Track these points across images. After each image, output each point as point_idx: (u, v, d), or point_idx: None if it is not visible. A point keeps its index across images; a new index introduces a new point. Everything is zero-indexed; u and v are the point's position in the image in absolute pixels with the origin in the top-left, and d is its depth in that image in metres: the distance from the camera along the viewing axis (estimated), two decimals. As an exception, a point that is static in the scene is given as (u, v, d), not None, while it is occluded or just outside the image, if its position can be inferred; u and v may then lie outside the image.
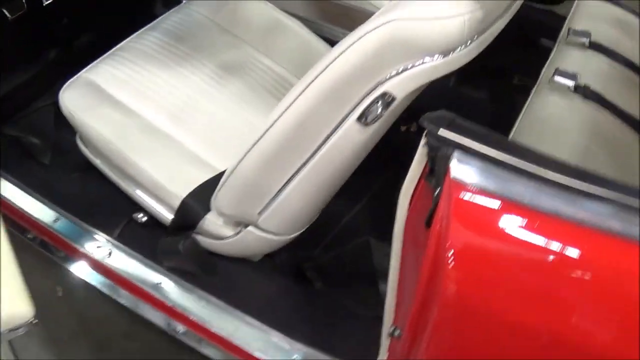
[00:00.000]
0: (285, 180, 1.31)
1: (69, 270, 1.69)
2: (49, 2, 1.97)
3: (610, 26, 1.65)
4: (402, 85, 1.12)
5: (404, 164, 1.01)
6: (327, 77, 1.14)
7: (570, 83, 1.40)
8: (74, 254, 1.69)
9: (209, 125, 1.62)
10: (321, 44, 1.86)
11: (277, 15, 1.88)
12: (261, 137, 1.26)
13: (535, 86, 1.50)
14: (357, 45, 1.10)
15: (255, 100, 1.69)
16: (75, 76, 1.67)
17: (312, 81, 1.16)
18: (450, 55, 1.08)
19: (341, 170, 1.33)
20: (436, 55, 1.07)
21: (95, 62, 1.70)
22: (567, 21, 1.68)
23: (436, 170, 0.90)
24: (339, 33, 2.00)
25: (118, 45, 1.76)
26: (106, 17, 2.14)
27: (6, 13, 1.97)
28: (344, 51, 1.11)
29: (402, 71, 1.10)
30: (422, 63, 1.08)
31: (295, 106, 1.19)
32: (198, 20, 1.84)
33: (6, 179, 1.77)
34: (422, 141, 0.93)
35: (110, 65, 1.69)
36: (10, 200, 1.74)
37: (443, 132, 0.88)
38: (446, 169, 0.87)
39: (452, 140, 0.87)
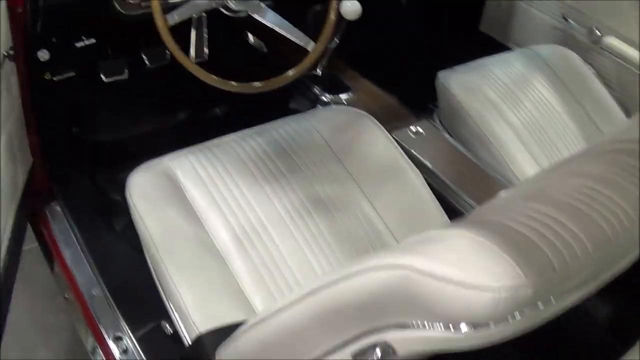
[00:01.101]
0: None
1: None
2: (198, 60, 1.86)
3: None
4: (408, 343, 0.83)
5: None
6: (324, 297, 0.90)
7: None
8: (94, 331, 1.58)
9: (266, 260, 1.44)
10: (439, 213, 1.61)
11: (400, 161, 1.66)
12: (257, 322, 1.07)
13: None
14: (362, 277, 0.84)
15: (334, 250, 1.49)
16: (157, 159, 1.54)
17: (309, 293, 0.93)
18: (482, 330, 0.76)
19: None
20: (462, 324, 0.79)
21: (184, 149, 1.57)
22: None
23: None
24: (465, 204, 1.72)
25: (216, 140, 1.62)
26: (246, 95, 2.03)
27: (145, 59, 1.90)
28: (346, 277, 0.86)
29: (409, 327, 0.81)
30: (440, 330, 0.79)
31: (286, 315, 0.98)
32: (312, 138, 1.66)
33: (71, 229, 1.69)
34: None
35: (197, 158, 1.55)
36: (65, 256, 1.65)
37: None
38: None
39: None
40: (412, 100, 2.09)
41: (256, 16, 1.58)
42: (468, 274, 0.72)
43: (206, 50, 1.79)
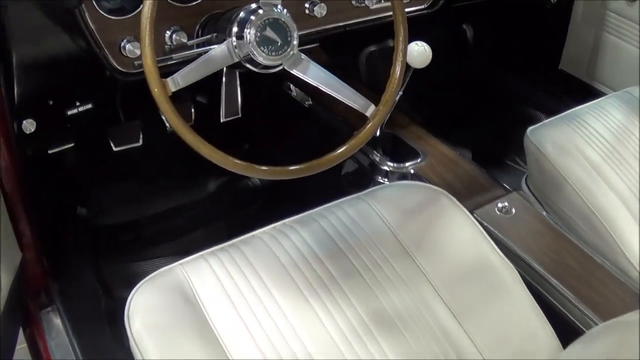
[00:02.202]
0: None
1: None
2: (230, 118, 1.45)
3: None
4: None
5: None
6: None
7: None
8: None
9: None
10: (541, 322, 1.21)
11: (489, 253, 1.27)
12: None
13: None
14: None
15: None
16: (169, 266, 1.17)
17: None
18: None
19: None
20: None
21: (203, 252, 1.21)
22: None
23: None
24: (573, 307, 1.30)
25: (245, 236, 1.24)
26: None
27: (165, 121, 1.55)
28: None
29: None
30: None
31: None
32: (373, 228, 1.28)
33: (72, 346, 1.36)
34: None
35: (219, 262, 1.18)
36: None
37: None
38: None
39: None
40: (491, 157, 1.70)
41: (295, 72, 1.20)
42: None
43: (240, 102, 1.39)
